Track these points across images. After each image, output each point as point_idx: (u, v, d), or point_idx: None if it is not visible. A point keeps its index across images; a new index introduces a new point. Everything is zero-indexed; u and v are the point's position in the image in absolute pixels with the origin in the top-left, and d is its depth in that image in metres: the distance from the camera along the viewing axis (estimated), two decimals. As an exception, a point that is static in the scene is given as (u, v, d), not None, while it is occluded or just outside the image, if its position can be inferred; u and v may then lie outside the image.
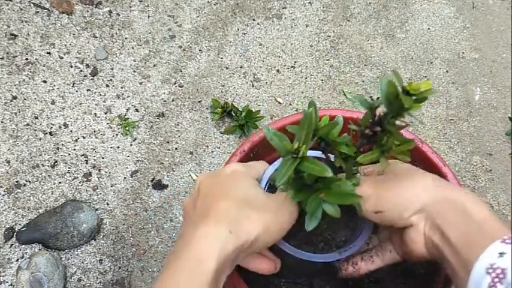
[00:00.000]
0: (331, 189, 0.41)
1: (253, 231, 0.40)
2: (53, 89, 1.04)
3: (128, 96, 1.06)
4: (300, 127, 0.39)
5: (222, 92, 1.10)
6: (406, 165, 0.48)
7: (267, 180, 0.49)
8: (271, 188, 0.49)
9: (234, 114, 1.05)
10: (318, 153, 0.51)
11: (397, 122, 0.41)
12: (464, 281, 0.37)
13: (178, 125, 1.05)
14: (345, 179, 0.42)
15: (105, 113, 1.03)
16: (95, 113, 1.03)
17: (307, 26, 1.23)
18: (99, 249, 0.89)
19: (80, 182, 0.94)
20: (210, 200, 0.42)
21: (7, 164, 0.94)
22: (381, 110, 0.41)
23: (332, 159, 0.47)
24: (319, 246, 0.51)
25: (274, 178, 0.38)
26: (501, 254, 0.34)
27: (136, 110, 1.05)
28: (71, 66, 1.08)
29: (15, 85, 1.03)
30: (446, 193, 0.42)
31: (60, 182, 0.94)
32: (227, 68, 1.14)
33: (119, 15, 1.17)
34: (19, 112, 1.00)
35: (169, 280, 0.36)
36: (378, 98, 0.41)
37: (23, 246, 0.87)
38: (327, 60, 1.18)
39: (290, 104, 1.10)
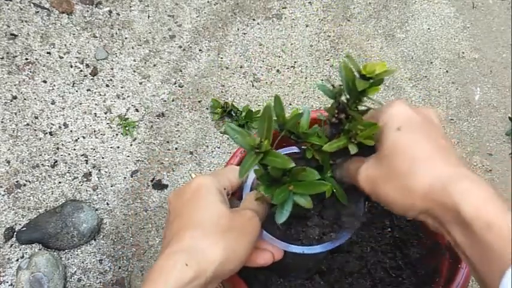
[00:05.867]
0: (298, 180, 0.41)
1: (215, 259, 0.38)
2: (53, 89, 1.04)
3: (128, 96, 1.06)
4: (261, 121, 0.38)
5: (222, 92, 1.10)
6: (408, 140, 0.37)
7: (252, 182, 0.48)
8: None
9: (234, 114, 1.05)
10: (294, 149, 0.49)
11: (361, 107, 0.40)
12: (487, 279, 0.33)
13: (178, 125, 1.05)
14: (310, 169, 0.41)
15: (105, 113, 1.03)
16: (95, 113, 1.03)
17: (307, 26, 1.23)
18: (99, 249, 0.89)
19: (80, 182, 0.94)
20: (175, 226, 0.41)
21: (7, 164, 0.94)
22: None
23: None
24: (310, 236, 0.47)
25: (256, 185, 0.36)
26: None
27: (136, 110, 1.05)
28: (71, 66, 1.08)
29: (15, 85, 1.03)
30: (448, 198, 0.34)
31: (60, 182, 0.94)
32: (227, 68, 1.14)
33: (119, 15, 1.17)
34: (19, 112, 1.00)
35: None
36: (340, 85, 0.40)
37: (23, 246, 0.87)
38: (327, 60, 1.18)
39: (290, 104, 1.10)
